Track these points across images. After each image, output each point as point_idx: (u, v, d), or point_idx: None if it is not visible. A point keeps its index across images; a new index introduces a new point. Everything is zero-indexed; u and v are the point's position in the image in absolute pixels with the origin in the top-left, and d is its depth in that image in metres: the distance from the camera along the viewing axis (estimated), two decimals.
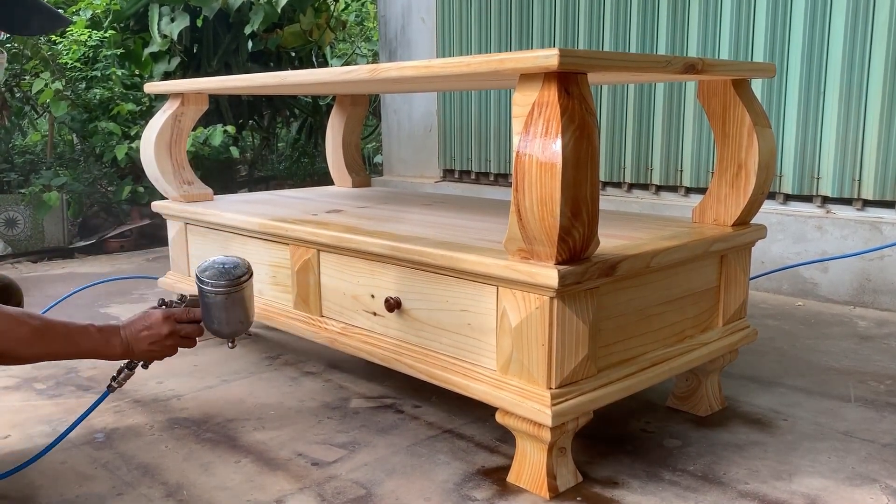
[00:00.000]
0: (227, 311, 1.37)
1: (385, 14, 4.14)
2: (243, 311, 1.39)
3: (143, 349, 1.36)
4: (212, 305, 1.36)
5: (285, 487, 1.37)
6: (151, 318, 1.37)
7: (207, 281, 1.35)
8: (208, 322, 1.40)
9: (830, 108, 2.57)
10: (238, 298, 1.37)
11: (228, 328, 1.39)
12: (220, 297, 1.35)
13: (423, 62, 1.33)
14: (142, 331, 1.36)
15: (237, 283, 1.36)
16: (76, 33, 3.94)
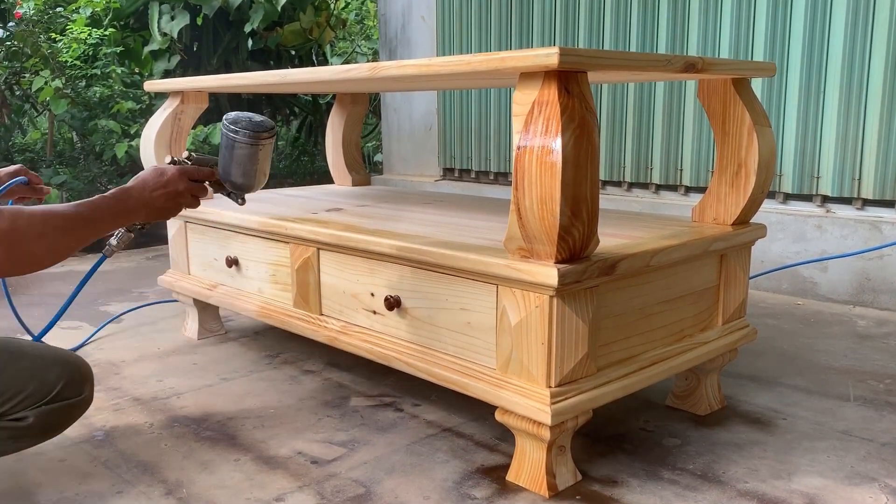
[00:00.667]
0: (250, 162, 1.38)
1: (385, 12, 4.14)
2: (264, 165, 1.41)
3: (157, 207, 1.31)
4: (237, 154, 1.37)
5: (285, 486, 1.37)
6: (167, 175, 1.32)
7: (238, 129, 1.36)
8: (227, 173, 1.39)
9: (830, 107, 2.57)
10: (263, 150, 1.39)
11: (246, 179, 1.40)
12: (246, 145, 1.37)
13: (424, 61, 1.33)
14: (157, 188, 1.31)
15: (266, 134, 1.38)
16: (76, 31, 3.94)
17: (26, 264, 1.14)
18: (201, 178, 1.38)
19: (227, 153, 1.39)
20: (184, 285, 2.17)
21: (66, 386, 1.29)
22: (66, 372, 1.30)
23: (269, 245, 1.84)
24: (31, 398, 1.25)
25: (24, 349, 1.30)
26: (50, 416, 1.28)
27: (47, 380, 1.27)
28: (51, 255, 1.16)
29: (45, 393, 1.27)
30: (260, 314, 1.87)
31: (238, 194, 1.45)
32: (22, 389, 1.25)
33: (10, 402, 1.23)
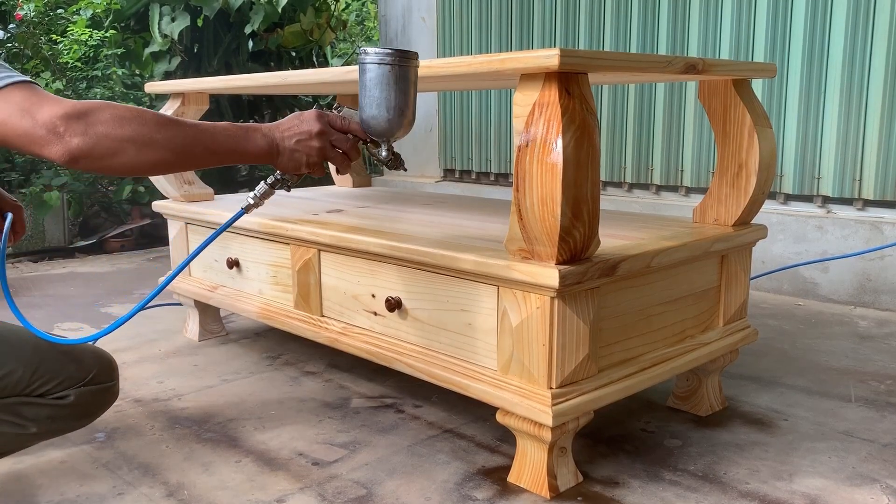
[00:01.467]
0: (391, 90, 1.17)
1: (385, 14, 4.14)
2: (406, 95, 1.19)
3: (288, 147, 1.18)
4: (370, 81, 1.17)
5: (286, 487, 1.37)
6: (303, 115, 1.21)
7: (371, 52, 1.17)
8: (366, 112, 1.19)
9: (831, 108, 2.57)
10: (404, 76, 1.18)
11: (379, 112, 1.18)
12: (384, 67, 1.16)
13: (425, 62, 1.33)
14: (289, 127, 1.19)
15: (406, 58, 1.18)
16: (77, 33, 3.94)
17: (111, 150, 1.05)
18: (343, 129, 1.22)
19: (363, 83, 1.19)
20: (185, 287, 2.17)
21: (100, 371, 1.32)
22: (97, 358, 1.33)
23: (270, 246, 1.84)
24: (71, 379, 1.28)
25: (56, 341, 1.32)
26: (88, 397, 1.31)
27: (84, 363, 1.31)
28: (136, 148, 1.06)
29: (83, 375, 1.30)
30: (261, 315, 1.87)
31: (384, 145, 1.24)
32: (62, 370, 1.27)
33: (52, 381, 1.27)
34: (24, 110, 1.02)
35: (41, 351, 1.28)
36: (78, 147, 1.03)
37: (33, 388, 1.26)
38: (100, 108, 1.05)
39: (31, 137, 1.03)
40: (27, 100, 1.03)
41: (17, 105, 1.03)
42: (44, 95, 1.05)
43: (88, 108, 1.05)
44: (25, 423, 1.27)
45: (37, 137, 1.02)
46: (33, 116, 1.02)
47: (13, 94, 1.03)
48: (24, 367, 1.25)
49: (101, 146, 1.04)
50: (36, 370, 1.26)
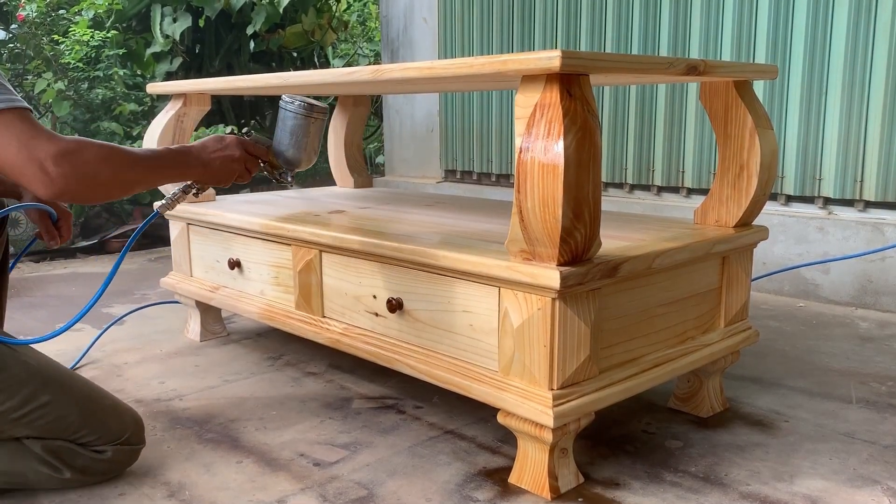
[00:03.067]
0: (304, 135, 1.49)
1: (387, 14, 4.14)
2: (315, 141, 1.53)
3: (213, 168, 1.40)
4: (295, 127, 1.49)
5: (287, 488, 1.37)
6: (227, 141, 1.42)
7: (295, 101, 1.48)
8: (279, 144, 1.50)
9: (832, 109, 2.57)
10: (316, 125, 1.50)
11: (296, 151, 1.50)
12: (306, 119, 1.48)
13: (426, 63, 1.33)
14: (216, 151, 1.40)
15: (320, 111, 1.50)
16: (78, 33, 3.94)
17: (90, 186, 1.19)
18: (256, 153, 1.47)
19: (281, 125, 1.50)
20: (186, 287, 2.17)
21: (134, 433, 1.40)
22: (134, 420, 1.41)
23: (272, 247, 1.84)
24: (111, 434, 1.36)
25: (103, 390, 1.42)
26: (121, 456, 1.38)
27: (124, 422, 1.39)
28: (115, 183, 1.22)
29: (121, 433, 1.37)
30: (262, 316, 1.88)
31: (288, 171, 1.54)
32: (106, 424, 1.36)
33: (96, 433, 1.34)
34: (21, 143, 1.10)
35: (93, 401, 1.36)
36: (63, 188, 1.14)
37: (79, 436, 1.33)
38: (83, 150, 1.16)
39: (23, 171, 1.11)
40: (25, 133, 1.11)
41: (16, 136, 1.10)
42: (39, 130, 1.13)
43: (75, 149, 1.15)
44: (62, 469, 1.33)
45: (29, 173, 1.12)
46: (29, 152, 1.10)
47: (14, 122, 1.11)
48: (77, 414, 1.33)
49: (81, 187, 1.17)
50: (87, 419, 1.33)
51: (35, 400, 1.28)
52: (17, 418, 1.28)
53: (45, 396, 1.29)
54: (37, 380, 1.30)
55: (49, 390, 1.30)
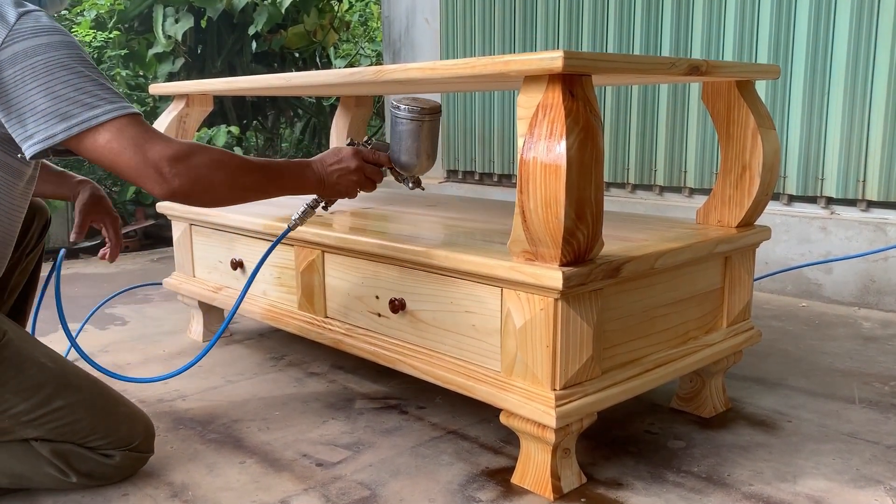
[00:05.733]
0: (410, 138, 1.41)
1: (389, 15, 4.14)
2: (430, 144, 1.43)
3: (332, 182, 1.38)
4: (403, 132, 1.41)
5: (290, 488, 1.38)
6: (342, 153, 1.40)
7: (404, 106, 1.39)
8: (397, 154, 1.43)
9: (834, 109, 2.57)
10: (429, 128, 1.41)
11: (409, 157, 1.43)
12: (413, 122, 1.39)
13: (428, 64, 1.33)
14: (332, 164, 1.39)
15: (431, 112, 1.40)
16: (81, 34, 3.95)
17: (205, 189, 1.19)
18: (375, 161, 1.43)
19: (392, 131, 1.43)
20: (189, 288, 2.17)
21: (144, 440, 1.40)
22: (144, 426, 1.41)
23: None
24: (120, 441, 1.36)
25: (120, 395, 1.42)
26: (128, 462, 1.38)
27: (135, 429, 1.39)
28: (228, 189, 1.22)
29: (130, 439, 1.37)
30: (265, 316, 1.88)
31: (409, 177, 1.49)
32: (116, 430, 1.35)
33: (106, 438, 1.34)
34: (137, 146, 1.13)
35: (106, 406, 1.36)
36: (179, 188, 1.17)
37: (88, 440, 1.33)
38: (199, 152, 1.19)
39: (140, 173, 1.14)
40: (140, 136, 1.14)
41: (132, 140, 1.13)
42: (153, 133, 1.16)
43: (190, 151, 1.17)
44: (69, 473, 1.33)
45: (145, 175, 1.14)
46: (144, 154, 1.13)
47: (128, 128, 1.13)
48: (89, 419, 1.32)
49: (197, 188, 1.19)
50: (98, 425, 1.33)
51: (49, 404, 1.28)
52: (29, 421, 1.28)
53: (58, 401, 1.29)
54: (52, 384, 1.29)
55: (63, 395, 1.29)
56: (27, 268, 1.63)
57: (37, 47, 1.08)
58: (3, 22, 1.08)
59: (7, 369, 1.26)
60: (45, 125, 1.10)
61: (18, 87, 1.08)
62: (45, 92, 1.09)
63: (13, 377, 1.26)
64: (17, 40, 1.07)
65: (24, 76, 1.08)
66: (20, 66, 1.08)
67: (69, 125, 1.10)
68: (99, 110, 1.11)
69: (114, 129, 1.12)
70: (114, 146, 1.12)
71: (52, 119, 1.10)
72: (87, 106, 1.11)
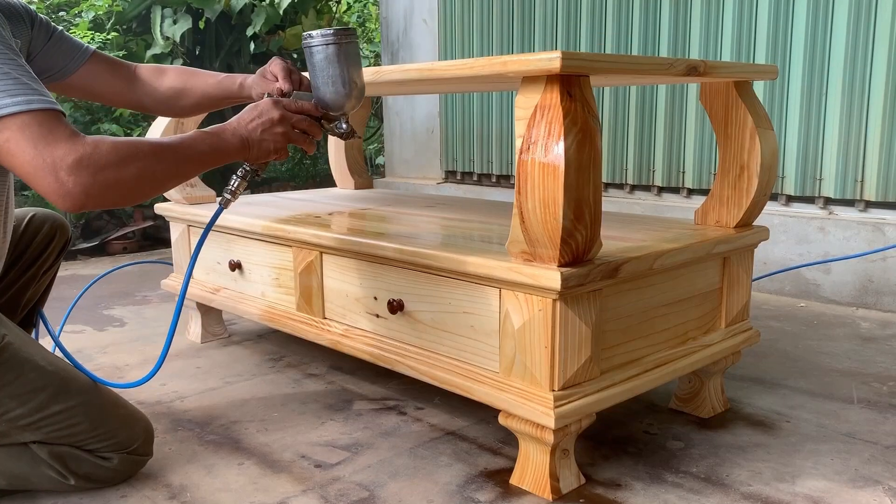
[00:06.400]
0: (337, 66, 1.29)
1: (387, 16, 4.14)
2: (355, 70, 1.31)
3: (256, 139, 1.24)
4: (321, 62, 1.29)
5: (289, 489, 1.37)
6: (260, 106, 1.26)
7: (316, 34, 1.28)
8: (317, 92, 1.31)
9: (833, 109, 2.57)
10: (346, 51, 1.30)
11: (335, 89, 1.30)
12: (329, 47, 1.28)
13: (427, 64, 1.33)
14: (251, 120, 1.25)
15: (345, 35, 1.29)
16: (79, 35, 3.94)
17: (116, 192, 1.08)
18: (298, 109, 1.29)
19: (310, 70, 1.31)
20: (189, 288, 2.17)
21: (143, 443, 1.40)
22: (144, 430, 1.40)
23: (272, 249, 1.84)
24: (119, 444, 1.35)
25: (120, 399, 1.41)
26: (126, 465, 1.38)
27: (134, 432, 1.38)
28: (142, 183, 1.10)
29: (129, 443, 1.37)
30: (263, 318, 1.88)
31: (342, 118, 1.35)
32: (116, 434, 1.35)
33: (104, 441, 1.34)
34: (36, 148, 1.01)
35: (105, 410, 1.35)
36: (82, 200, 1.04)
37: (87, 444, 1.33)
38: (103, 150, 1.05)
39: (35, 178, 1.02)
40: (44, 136, 1.01)
41: (32, 141, 1.01)
42: (61, 133, 1.03)
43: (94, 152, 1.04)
44: (67, 475, 1.33)
45: (43, 184, 1.02)
46: (42, 159, 1.01)
47: (32, 126, 1.01)
48: (88, 423, 1.32)
49: (108, 194, 1.07)
50: (97, 429, 1.33)
51: (47, 408, 1.27)
52: (27, 425, 1.27)
53: (57, 405, 1.28)
54: (51, 388, 1.28)
55: (62, 399, 1.29)
56: (42, 284, 1.63)
57: None
58: None
59: (6, 373, 1.25)
60: None
61: None
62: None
63: (12, 381, 1.25)
64: None
65: None
66: None
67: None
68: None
69: (14, 127, 1.00)
70: (10, 146, 1.01)
71: None
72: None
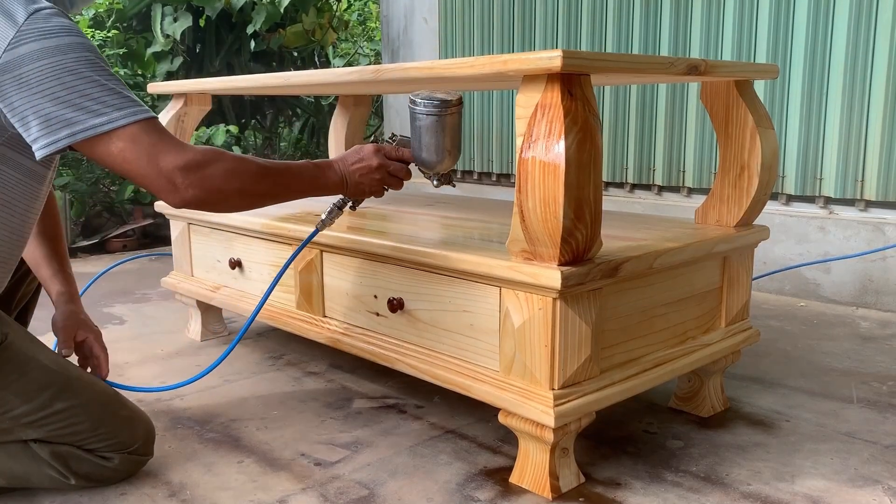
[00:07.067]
0: (436, 136, 1.35)
1: (388, 14, 4.14)
2: (452, 139, 1.37)
3: (354, 181, 1.36)
4: (422, 128, 1.35)
5: (288, 488, 1.37)
6: (363, 151, 1.38)
7: (420, 102, 1.34)
8: (417, 151, 1.38)
9: (833, 108, 2.57)
10: (448, 123, 1.35)
11: (429, 154, 1.37)
12: (431, 117, 1.33)
13: (427, 63, 1.33)
14: (354, 163, 1.36)
15: (448, 106, 1.34)
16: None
17: (218, 198, 1.19)
18: (398, 158, 1.40)
19: (411, 127, 1.38)
20: (187, 287, 2.17)
21: (144, 443, 1.40)
22: (145, 430, 1.41)
23: (273, 247, 1.84)
24: (120, 444, 1.36)
25: (122, 398, 1.42)
26: (127, 465, 1.38)
27: (136, 432, 1.39)
28: (241, 197, 1.22)
29: (130, 443, 1.37)
30: (263, 316, 1.88)
31: (433, 174, 1.43)
32: (117, 433, 1.35)
33: (105, 441, 1.34)
34: (150, 156, 1.12)
35: (107, 410, 1.36)
36: (192, 198, 1.16)
37: (88, 443, 1.33)
38: (213, 162, 1.17)
39: (152, 183, 1.15)
40: (154, 145, 1.13)
41: (145, 150, 1.12)
42: (167, 141, 1.14)
43: (203, 161, 1.16)
44: (68, 476, 1.33)
45: (157, 185, 1.15)
46: (157, 165, 1.13)
47: (142, 136, 1.12)
48: (90, 422, 1.32)
49: (211, 198, 1.18)
50: (98, 429, 1.33)
51: (50, 406, 1.28)
52: (30, 423, 1.28)
53: (60, 404, 1.29)
54: (55, 386, 1.29)
55: (65, 397, 1.29)
56: (34, 281, 1.63)
57: (44, 50, 1.05)
58: (10, 21, 1.05)
59: (9, 371, 1.26)
60: (47, 130, 1.08)
61: (23, 90, 1.06)
62: (50, 97, 1.06)
63: (16, 379, 1.26)
64: (24, 42, 1.04)
65: (30, 80, 1.05)
66: (27, 69, 1.05)
67: (73, 132, 1.09)
68: (104, 118, 1.10)
69: (126, 138, 1.11)
70: (127, 155, 1.12)
71: (56, 125, 1.08)
72: (93, 113, 1.09)
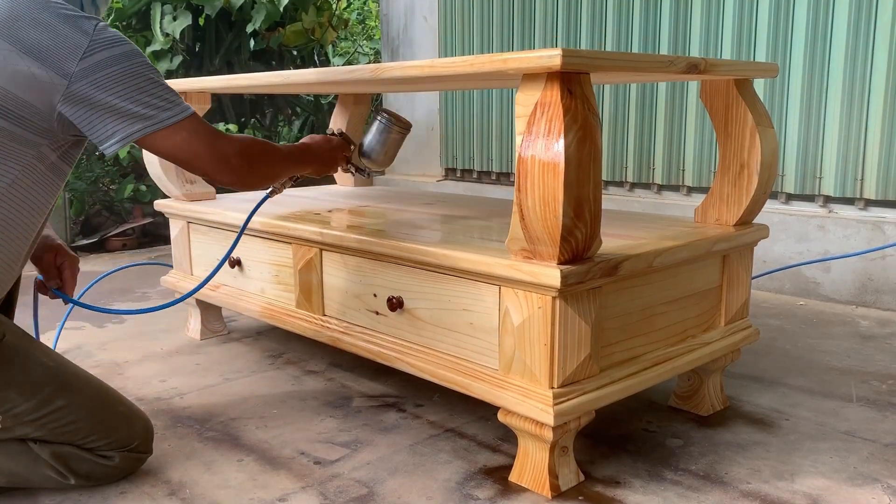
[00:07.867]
0: (392, 146, 1.71)
1: (387, 13, 4.14)
2: (397, 150, 1.74)
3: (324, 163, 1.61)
4: (387, 138, 1.69)
5: (288, 486, 1.37)
6: (333, 142, 1.63)
7: (396, 118, 1.69)
8: (372, 150, 1.69)
9: (833, 107, 2.57)
10: (401, 139, 1.72)
11: (386, 158, 1.72)
12: (395, 132, 1.70)
13: (427, 62, 1.33)
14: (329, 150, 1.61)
15: (408, 128, 1.72)
16: None
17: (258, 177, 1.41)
18: (347, 153, 1.67)
19: (380, 136, 1.69)
20: (187, 286, 2.17)
21: (143, 441, 1.41)
22: (144, 429, 1.42)
23: (272, 246, 1.84)
24: (119, 442, 1.37)
25: (120, 395, 1.43)
26: (127, 463, 1.39)
27: (135, 430, 1.40)
28: (270, 175, 1.46)
29: (129, 441, 1.39)
30: (263, 315, 1.88)
31: (368, 170, 1.74)
32: (116, 431, 1.37)
33: (104, 439, 1.35)
34: (209, 143, 1.31)
35: (106, 407, 1.37)
36: (241, 177, 1.36)
37: (87, 441, 1.34)
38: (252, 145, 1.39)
39: (213, 166, 1.33)
40: (210, 133, 1.32)
41: (205, 138, 1.31)
42: (217, 131, 1.35)
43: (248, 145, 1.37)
44: (68, 476, 1.34)
45: (216, 167, 1.33)
46: (217, 150, 1.32)
47: (200, 126, 1.31)
48: (89, 420, 1.34)
49: (253, 177, 1.40)
50: (97, 426, 1.34)
51: (50, 404, 1.29)
52: (29, 420, 1.29)
53: (59, 401, 1.30)
54: (54, 383, 1.31)
55: (64, 395, 1.31)
56: None
57: (115, 57, 1.23)
58: (82, 32, 1.22)
59: (9, 369, 1.27)
60: (124, 124, 1.25)
61: (102, 91, 1.22)
62: (125, 96, 1.23)
63: (16, 377, 1.27)
64: (97, 50, 1.22)
65: (107, 82, 1.22)
66: (103, 74, 1.22)
67: (146, 125, 1.25)
68: (170, 112, 1.27)
69: (189, 128, 1.29)
70: (192, 143, 1.30)
71: (132, 119, 1.25)
72: (161, 108, 1.26)
